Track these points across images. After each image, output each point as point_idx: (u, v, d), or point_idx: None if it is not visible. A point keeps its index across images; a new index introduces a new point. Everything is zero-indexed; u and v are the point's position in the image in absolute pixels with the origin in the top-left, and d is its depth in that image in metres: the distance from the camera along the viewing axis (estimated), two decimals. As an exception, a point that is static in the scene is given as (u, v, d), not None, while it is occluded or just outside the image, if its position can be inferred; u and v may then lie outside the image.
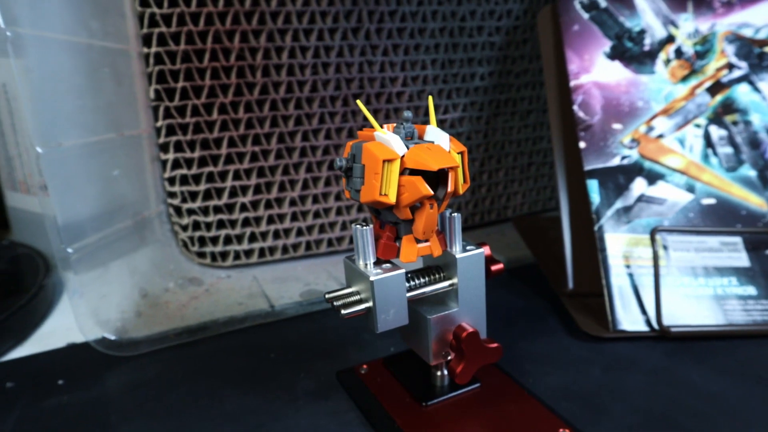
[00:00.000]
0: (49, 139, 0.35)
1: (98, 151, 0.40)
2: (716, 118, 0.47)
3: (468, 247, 0.31)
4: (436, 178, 0.28)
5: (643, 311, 0.41)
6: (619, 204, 0.44)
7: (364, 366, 0.36)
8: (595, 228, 0.43)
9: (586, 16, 0.49)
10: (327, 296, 0.30)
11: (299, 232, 0.50)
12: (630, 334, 0.40)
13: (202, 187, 0.46)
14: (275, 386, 0.36)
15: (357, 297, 0.29)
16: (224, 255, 0.48)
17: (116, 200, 0.41)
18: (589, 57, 0.48)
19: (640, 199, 0.44)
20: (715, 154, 0.46)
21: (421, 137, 0.29)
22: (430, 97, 0.30)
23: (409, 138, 0.29)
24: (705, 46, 0.49)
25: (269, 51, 0.46)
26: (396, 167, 0.27)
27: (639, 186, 0.44)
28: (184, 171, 0.45)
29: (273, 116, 0.47)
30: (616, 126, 0.46)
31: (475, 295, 0.31)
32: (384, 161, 0.27)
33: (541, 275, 0.48)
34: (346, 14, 0.48)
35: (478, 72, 0.54)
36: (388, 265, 0.29)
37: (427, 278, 0.31)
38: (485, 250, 0.31)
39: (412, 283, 0.30)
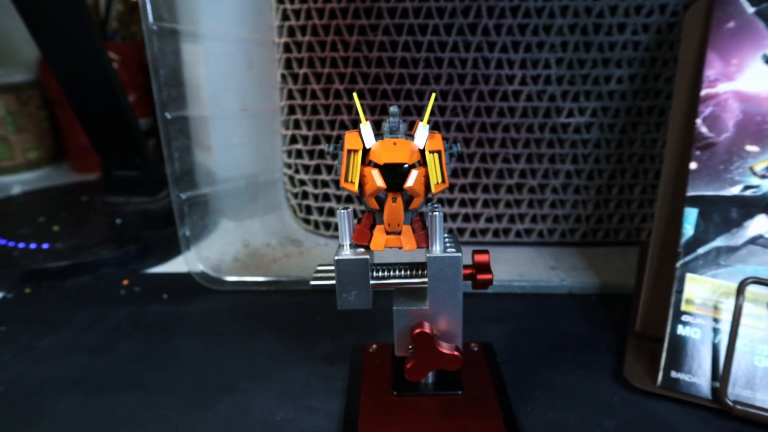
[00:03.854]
0: (175, 109, 0.45)
1: (224, 121, 0.49)
2: None
3: (449, 249, 0.30)
4: (411, 174, 0.29)
5: (715, 376, 0.33)
6: (719, 242, 0.36)
7: (374, 345, 0.38)
8: (677, 264, 0.36)
9: (750, 10, 0.40)
10: (317, 267, 0.33)
11: (396, 217, 0.53)
12: (683, 396, 0.33)
13: (314, 162, 0.52)
14: (300, 342, 0.40)
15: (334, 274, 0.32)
16: (327, 225, 0.54)
17: (235, 164, 0.50)
18: (739, 61, 0.39)
19: (754, 241, 0.35)
20: None
21: (412, 133, 0.30)
22: (433, 95, 0.30)
23: (395, 132, 0.30)
24: None
25: (384, 44, 0.49)
26: (358, 157, 0.28)
27: (759, 225, 0.35)
28: (299, 146, 0.52)
29: (382, 105, 0.51)
30: (751, 148, 0.37)
31: (449, 299, 0.30)
32: (348, 151, 0.28)
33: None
34: (464, 10, 0.48)
35: (615, 74, 0.49)
36: (362, 249, 0.31)
37: (403, 272, 0.31)
38: (461, 255, 0.30)
39: (382, 273, 0.31)
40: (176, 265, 0.52)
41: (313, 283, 0.31)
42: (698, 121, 0.39)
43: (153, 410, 0.34)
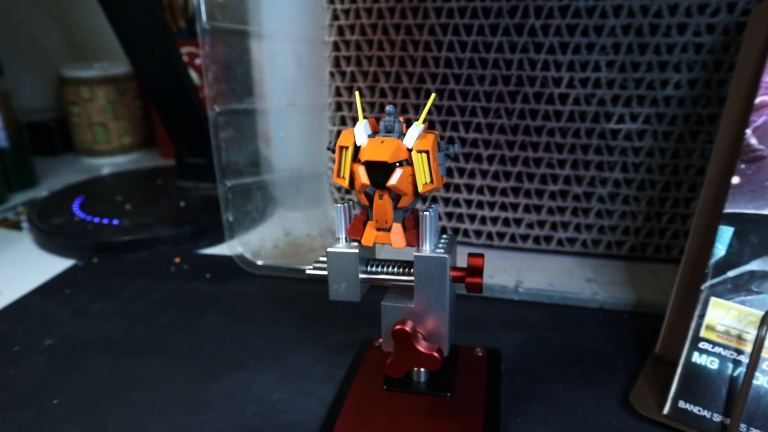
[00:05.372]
0: (224, 103, 0.48)
1: (276, 115, 0.52)
2: None
3: (439, 249, 0.30)
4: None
5: (728, 412, 0.30)
6: (754, 266, 0.32)
7: (380, 340, 0.39)
8: (702, 287, 0.33)
9: (824, 11, 0.36)
10: (318, 258, 0.34)
11: (435, 216, 0.53)
12: (689, 429, 0.31)
13: (357, 158, 0.54)
14: (316, 330, 0.42)
15: (331, 265, 0.33)
16: (367, 220, 0.55)
17: (286, 156, 0.53)
18: (804, 68, 0.35)
19: (795, 268, 0.31)
20: None
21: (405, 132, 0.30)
22: (433, 95, 0.30)
23: (390, 131, 0.30)
24: None
25: (429, 44, 0.49)
26: (349, 154, 0.29)
27: (803, 251, 0.32)
28: (344, 142, 0.54)
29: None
30: (805, 165, 0.33)
31: (434, 299, 0.30)
32: (340, 147, 0.29)
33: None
34: (510, 10, 0.47)
35: (673, 79, 0.45)
36: (355, 243, 0.32)
37: (394, 269, 0.32)
38: (447, 257, 0.29)
39: (374, 268, 0.32)
40: (225, 248, 0.56)
41: (308, 272, 0.33)
42: (748, 131, 0.35)
43: (169, 376, 0.37)
